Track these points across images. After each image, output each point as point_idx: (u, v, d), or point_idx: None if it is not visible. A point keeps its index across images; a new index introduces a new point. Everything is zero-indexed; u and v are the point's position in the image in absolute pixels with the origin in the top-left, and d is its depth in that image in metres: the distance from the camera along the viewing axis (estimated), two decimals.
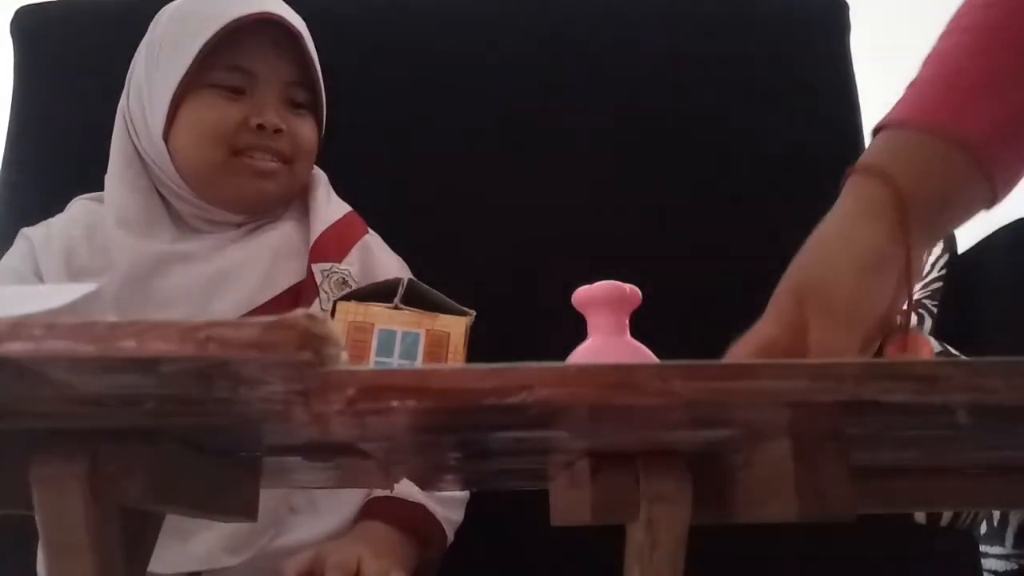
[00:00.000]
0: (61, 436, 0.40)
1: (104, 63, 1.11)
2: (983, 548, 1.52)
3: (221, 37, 0.90)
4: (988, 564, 1.52)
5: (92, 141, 1.03)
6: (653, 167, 1.16)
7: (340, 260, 0.94)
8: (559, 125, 1.17)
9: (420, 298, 0.57)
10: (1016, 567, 1.48)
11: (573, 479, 0.47)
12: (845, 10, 1.23)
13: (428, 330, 0.55)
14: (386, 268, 0.96)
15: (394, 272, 0.95)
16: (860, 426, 0.40)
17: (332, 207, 0.99)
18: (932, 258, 1.87)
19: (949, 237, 1.84)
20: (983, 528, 1.54)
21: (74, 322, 0.31)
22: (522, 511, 0.69)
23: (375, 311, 0.55)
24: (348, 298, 0.56)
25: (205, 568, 0.83)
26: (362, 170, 1.09)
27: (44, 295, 0.42)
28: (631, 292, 0.53)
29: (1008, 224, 1.72)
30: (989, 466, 0.51)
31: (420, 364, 0.54)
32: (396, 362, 0.54)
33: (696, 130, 1.17)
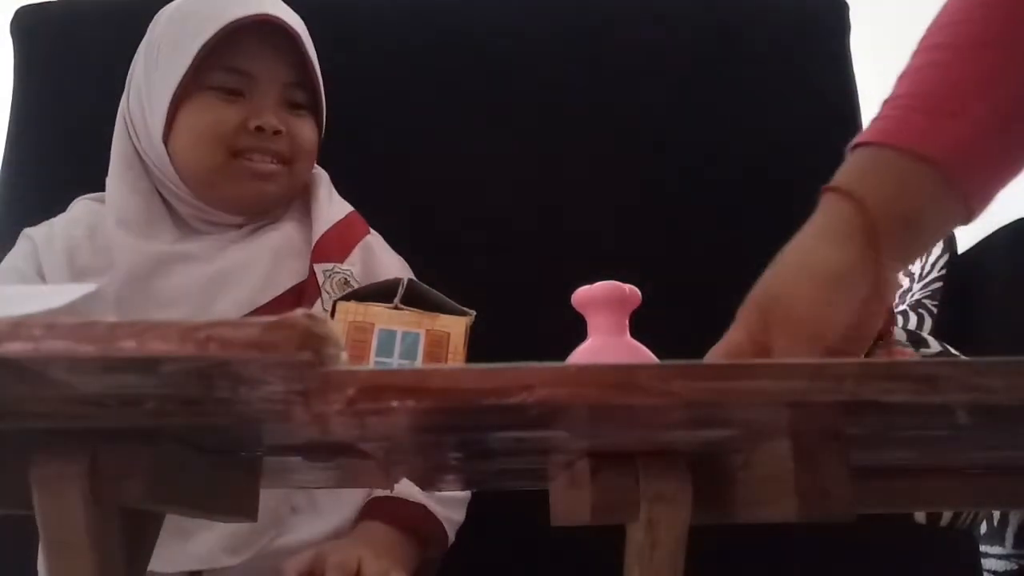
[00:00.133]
0: (61, 436, 0.40)
1: (104, 63, 1.11)
2: (983, 548, 1.52)
3: (219, 39, 0.90)
4: (988, 564, 1.52)
5: (92, 141, 1.03)
6: (653, 167, 1.16)
7: (342, 260, 0.94)
8: (559, 125, 1.17)
9: (420, 298, 0.57)
10: (1016, 567, 1.48)
11: (573, 479, 0.47)
12: (845, 10, 1.23)
13: (428, 330, 0.55)
14: (388, 268, 0.96)
15: (396, 272, 0.95)
16: (860, 426, 0.40)
17: (334, 207, 0.99)
18: (932, 258, 1.87)
19: (949, 237, 1.85)
20: (983, 528, 1.54)
21: (74, 322, 0.31)
22: (522, 511, 0.69)
23: (375, 311, 0.55)
24: (348, 298, 0.56)
25: (206, 567, 0.83)
26: (362, 170, 1.09)
27: (44, 295, 0.42)
28: (631, 292, 0.53)
29: (1008, 224, 1.72)
30: (989, 466, 0.51)
31: (420, 364, 0.54)
32: (396, 362, 0.54)
33: (696, 130, 1.18)
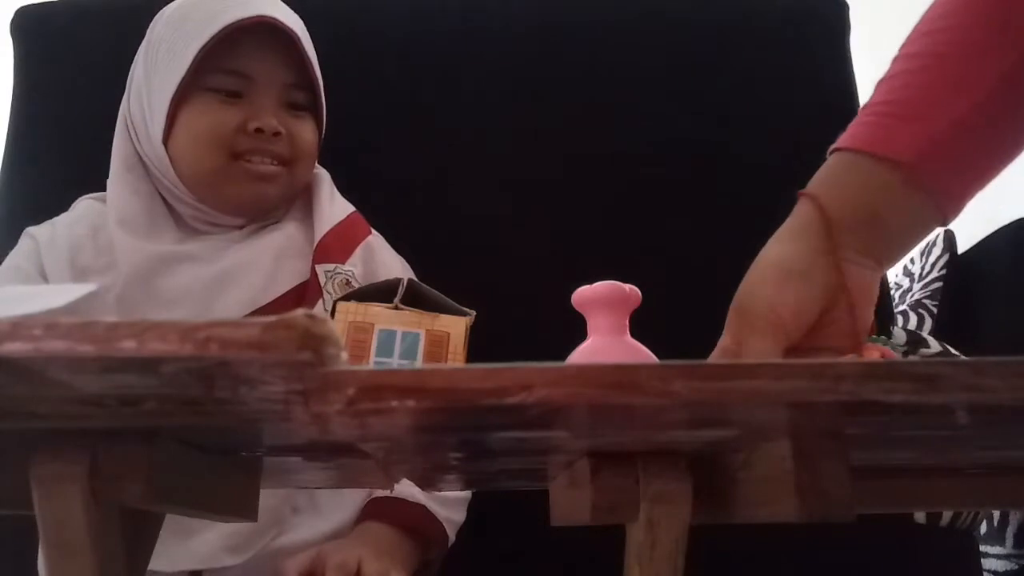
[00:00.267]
0: (61, 436, 0.40)
1: (104, 63, 1.11)
2: (983, 548, 1.52)
3: (218, 41, 0.90)
4: (988, 564, 1.52)
5: (92, 141, 1.03)
6: (652, 167, 1.16)
7: (344, 261, 0.94)
8: (559, 125, 1.17)
9: (420, 298, 0.56)
10: (1016, 567, 1.48)
11: (573, 479, 0.47)
12: (845, 10, 1.23)
13: (428, 330, 0.55)
14: (389, 269, 0.96)
15: (397, 272, 0.95)
16: (860, 426, 0.40)
17: (336, 208, 0.99)
18: (932, 258, 1.88)
19: (949, 237, 1.85)
20: (983, 528, 1.54)
21: (74, 322, 0.31)
22: (522, 511, 0.69)
23: (375, 311, 0.55)
24: (348, 298, 0.56)
25: (206, 567, 0.83)
26: (362, 170, 1.09)
27: (44, 295, 0.42)
28: (631, 292, 0.53)
29: (1008, 224, 1.72)
30: (989, 466, 0.51)
31: (420, 364, 0.54)
32: (396, 362, 0.54)
33: (696, 130, 1.18)
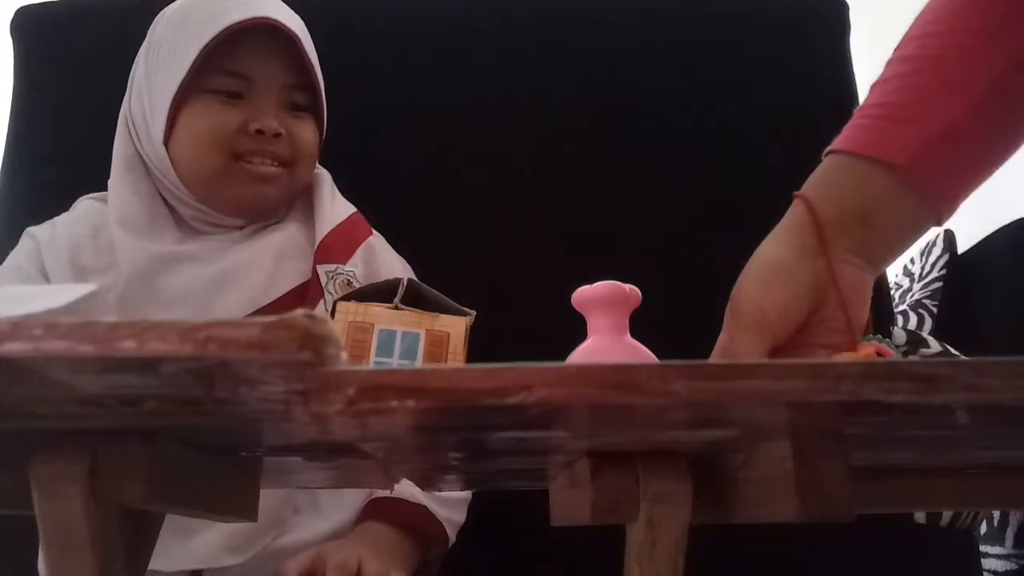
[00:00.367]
0: (61, 436, 0.40)
1: (104, 63, 1.11)
2: (983, 548, 1.52)
3: (219, 42, 0.90)
4: (988, 564, 1.52)
5: (92, 141, 1.03)
6: (653, 167, 1.16)
7: (345, 261, 0.94)
8: (559, 125, 1.17)
9: (420, 298, 0.56)
10: (1016, 567, 1.48)
11: (573, 479, 0.47)
12: (845, 10, 1.23)
13: (428, 330, 0.55)
14: (390, 269, 0.96)
15: (398, 273, 0.95)
16: (860, 426, 0.40)
17: (337, 208, 0.99)
18: (932, 258, 1.88)
19: (949, 237, 1.85)
20: (983, 528, 1.54)
21: (74, 322, 0.31)
22: (522, 511, 0.69)
23: (375, 311, 0.55)
24: (348, 298, 0.56)
25: (207, 567, 0.83)
26: (362, 170, 1.09)
27: (44, 295, 0.42)
28: (631, 292, 0.53)
29: (1008, 224, 1.72)
30: (989, 466, 0.51)
31: (420, 364, 0.54)
32: (396, 362, 0.54)
33: (695, 130, 1.18)
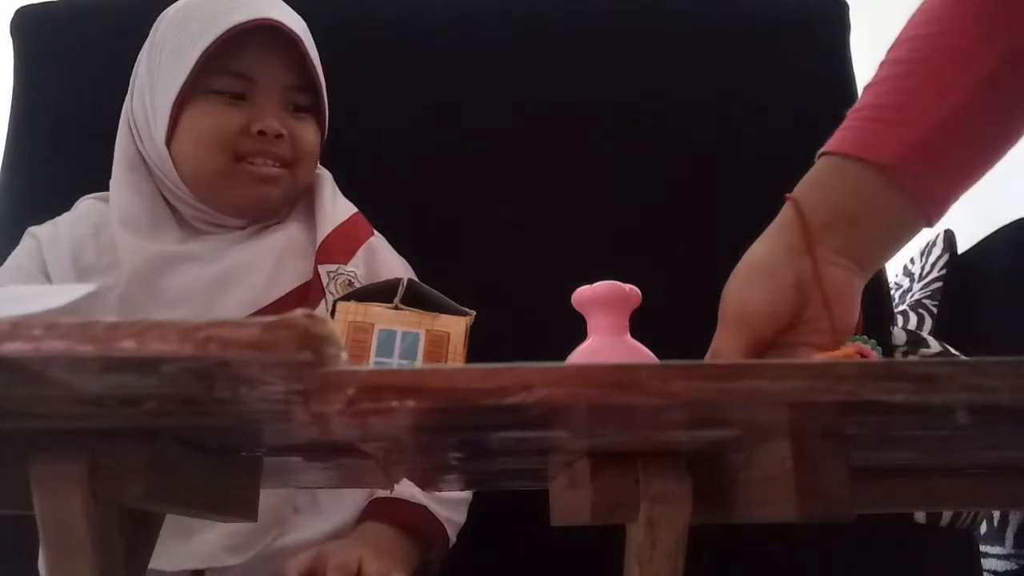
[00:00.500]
0: (61, 436, 0.40)
1: (104, 63, 1.11)
2: (983, 548, 1.52)
3: (221, 43, 0.90)
4: (988, 564, 1.52)
5: (92, 141, 1.03)
6: (653, 167, 1.16)
7: (346, 262, 0.94)
8: (559, 125, 1.17)
9: (420, 298, 0.56)
10: (1016, 567, 1.48)
11: (573, 479, 0.47)
12: (845, 10, 1.23)
13: (428, 330, 0.55)
14: (391, 269, 0.96)
15: (398, 273, 0.95)
16: (860, 426, 0.40)
17: (338, 208, 0.99)
18: (932, 258, 1.87)
19: (949, 237, 1.85)
20: (983, 528, 1.54)
21: (74, 322, 0.31)
22: (522, 511, 0.69)
23: (375, 311, 0.55)
24: (348, 298, 0.56)
25: (208, 566, 0.83)
26: (362, 170, 1.09)
27: (44, 295, 0.42)
28: (631, 292, 0.53)
29: (1008, 224, 1.72)
30: (989, 466, 0.51)
31: (420, 364, 0.54)
32: (396, 362, 0.54)
33: (695, 130, 1.17)
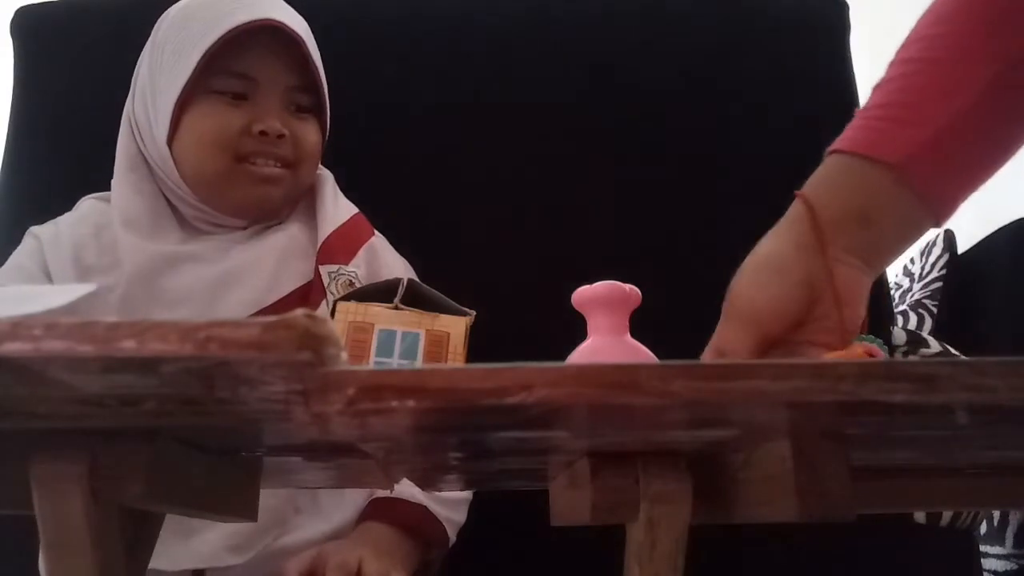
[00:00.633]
0: (61, 436, 0.40)
1: (105, 63, 1.11)
2: (983, 548, 1.52)
3: (223, 43, 0.90)
4: (988, 564, 1.52)
5: (92, 141, 1.03)
6: (653, 167, 1.16)
7: (347, 262, 0.94)
8: (560, 125, 1.17)
9: (420, 298, 0.56)
10: (1016, 567, 1.48)
11: (573, 479, 0.47)
12: (845, 10, 1.23)
13: (428, 330, 0.55)
14: (392, 270, 0.96)
15: (399, 273, 0.95)
16: (860, 426, 0.40)
17: (340, 209, 0.99)
18: (932, 258, 1.88)
19: (949, 237, 1.85)
20: (983, 528, 1.54)
21: (74, 322, 0.31)
22: (522, 511, 0.69)
23: (375, 311, 0.55)
24: (348, 298, 0.56)
25: (208, 566, 0.83)
26: (362, 170, 1.09)
27: (44, 295, 0.42)
28: (631, 292, 0.53)
29: (1008, 224, 1.72)
30: (989, 466, 0.51)
31: (420, 364, 0.54)
32: (396, 362, 0.54)
33: (695, 130, 1.17)
